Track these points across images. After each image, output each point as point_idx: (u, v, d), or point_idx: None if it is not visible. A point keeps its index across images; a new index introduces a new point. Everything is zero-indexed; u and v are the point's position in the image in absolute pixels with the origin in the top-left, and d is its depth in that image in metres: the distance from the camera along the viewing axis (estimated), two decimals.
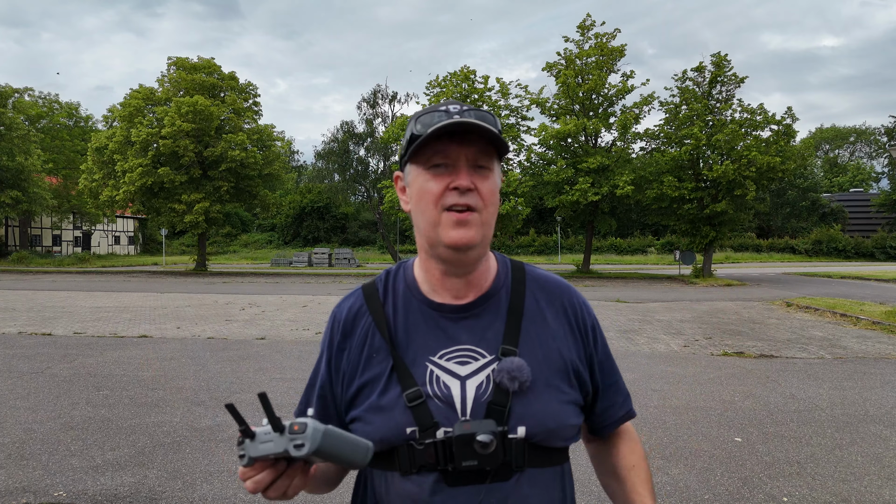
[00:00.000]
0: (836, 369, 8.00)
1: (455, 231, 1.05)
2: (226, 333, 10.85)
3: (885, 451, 4.84)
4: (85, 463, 4.52)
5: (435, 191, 1.05)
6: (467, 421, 1.02)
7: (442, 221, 1.05)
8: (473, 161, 1.06)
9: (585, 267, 31.56)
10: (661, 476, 4.34)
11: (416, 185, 1.09)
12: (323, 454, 0.89)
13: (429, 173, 1.06)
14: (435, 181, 1.06)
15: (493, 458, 1.01)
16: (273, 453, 0.89)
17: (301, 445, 0.87)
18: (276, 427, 0.88)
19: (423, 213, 1.07)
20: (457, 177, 1.05)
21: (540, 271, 1.22)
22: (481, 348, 1.09)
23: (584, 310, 1.20)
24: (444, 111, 1.06)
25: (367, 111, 46.52)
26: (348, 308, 1.17)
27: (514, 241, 52.72)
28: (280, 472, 0.93)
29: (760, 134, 26.82)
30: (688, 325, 12.24)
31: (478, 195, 1.05)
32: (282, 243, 60.53)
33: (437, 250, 1.09)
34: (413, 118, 1.10)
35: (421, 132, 1.06)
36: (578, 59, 28.59)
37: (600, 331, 1.23)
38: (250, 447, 0.90)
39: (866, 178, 71.19)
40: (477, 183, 1.05)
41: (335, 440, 0.90)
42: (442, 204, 1.05)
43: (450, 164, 1.05)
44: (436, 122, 1.05)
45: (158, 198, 31.61)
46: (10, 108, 40.00)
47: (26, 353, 8.82)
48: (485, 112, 1.08)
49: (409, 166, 1.11)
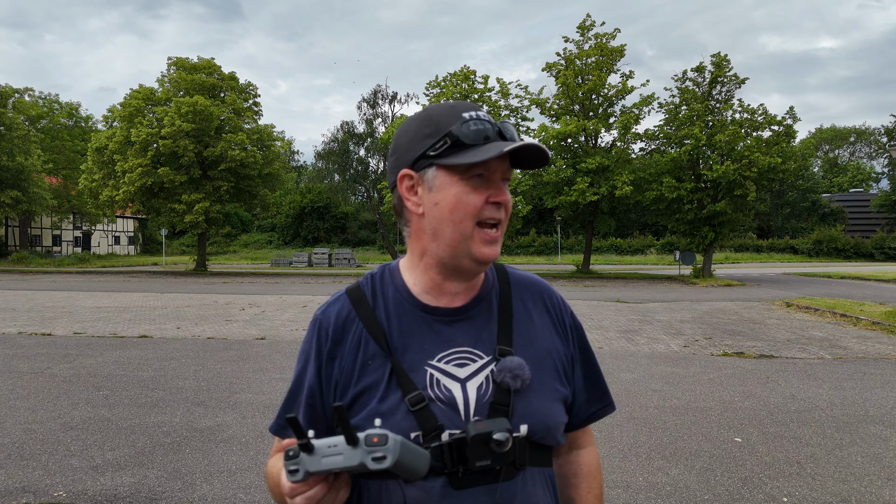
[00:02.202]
0: (836, 369, 8.00)
1: (487, 248, 1.06)
2: (226, 333, 10.85)
3: (885, 451, 4.84)
4: (85, 463, 4.52)
5: (476, 204, 1.04)
6: (481, 420, 1.01)
7: (475, 237, 1.05)
8: (505, 174, 1.07)
9: (585, 267, 31.56)
10: (661, 476, 4.34)
11: (448, 192, 1.04)
12: (399, 466, 0.85)
13: (467, 184, 1.04)
14: (475, 194, 1.04)
15: (506, 456, 1.01)
16: (343, 467, 0.85)
17: (382, 458, 0.84)
18: (350, 440, 0.85)
19: (457, 225, 1.05)
20: (497, 191, 1.05)
21: (519, 272, 1.23)
22: (478, 350, 1.09)
23: (562, 306, 1.22)
24: (485, 119, 1.05)
25: (367, 111, 46.60)
26: (336, 314, 1.13)
27: (514, 241, 52.70)
28: (330, 485, 0.91)
29: (761, 134, 26.83)
30: (688, 325, 12.24)
31: (504, 208, 1.07)
32: (282, 243, 60.52)
33: (460, 261, 1.07)
34: (447, 120, 1.05)
35: (468, 138, 1.03)
36: (578, 60, 28.58)
37: (579, 325, 1.24)
38: (309, 461, 0.86)
39: (866, 179, 71.22)
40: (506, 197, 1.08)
41: (408, 451, 0.87)
42: (479, 217, 1.05)
43: (486, 176, 1.05)
44: (481, 128, 1.04)
45: (158, 198, 31.61)
46: (10, 108, 40.01)
47: (26, 353, 8.82)
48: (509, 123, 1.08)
49: (436, 170, 1.05)
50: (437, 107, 1.09)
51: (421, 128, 1.07)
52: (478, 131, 1.03)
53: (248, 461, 4.59)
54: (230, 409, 6.00)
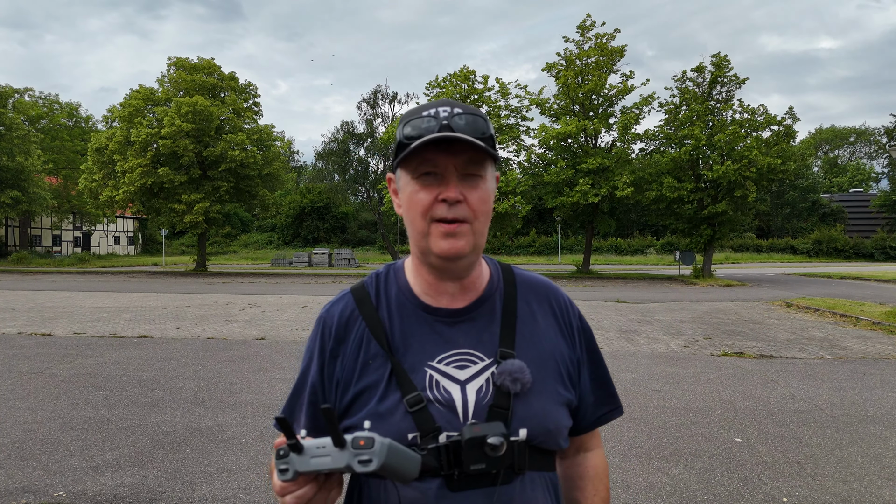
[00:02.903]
0: (836, 370, 8.01)
1: (444, 242, 1.03)
2: (226, 334, 10.85)
3: (885, 452, 4.84)
4: (85, 463, 4.52)
5: (424, 202, 1.02)
6: (476, 424, 1.01)
7: (431, 232, 1.03)
8: (462, 170, 1.02)
9: (585, 267, 31.57)
10: (661, 476, 4.34)
11: (405, 192, 1.05)
12: (386, 469, 0.86)
13: (417, 183, 1.03)
14: (424, 192, 1.02)
15: (502, 460, 1.00)
16: (330, 468, 0.86)
17: (368, 461, 0.84)
18: (337, 442, 0.86)
19: (413, 223, 1.05)
20: (445, 188, 1.01)
21: (526, 273, 1.22)
22: (479, 352, 1.08)
23: (570, 308, 1.21)
24: (431, 115, 1.02)
25: (367, 111, 46.63)
26: (339, 313, 1.14)
27: (514, 241, 52.71)
28: (320, 485, 0.92)
29: (761, 134, 26.83)
30: (688, 325, 12.24)
31: (467, 206, 1.02)
32: (282, 243, 60.53)
33: (429, 258, 1.07)
34: (402, 121, 1.06)
35: (409, 136, 1.01)
36: (578, 60, 28.58)
37: (588, 327, 1.23)
38: (298, 461, 0.87)
39: (866, 179, 71.23)
40: (466, 193, 1.02)
41: (396, 454, 0.88)
42: (431, 215, 1.02)
43: (438, 173, 1.02)
44: (423, 126, 1.01)
45: (158, 198, 31.61)
46: (10, 108, 40.01)
47: (26, 353, 8.82)
48: (475, 116, 1.03)
49: (399, 171, 1.07)
50: (412, 108, 1.09)
51: (397, 131, 1.08)
52: (414, 127, 1.02)
53: (248, 461, 4.59)
54: (230, 409, 6.00)
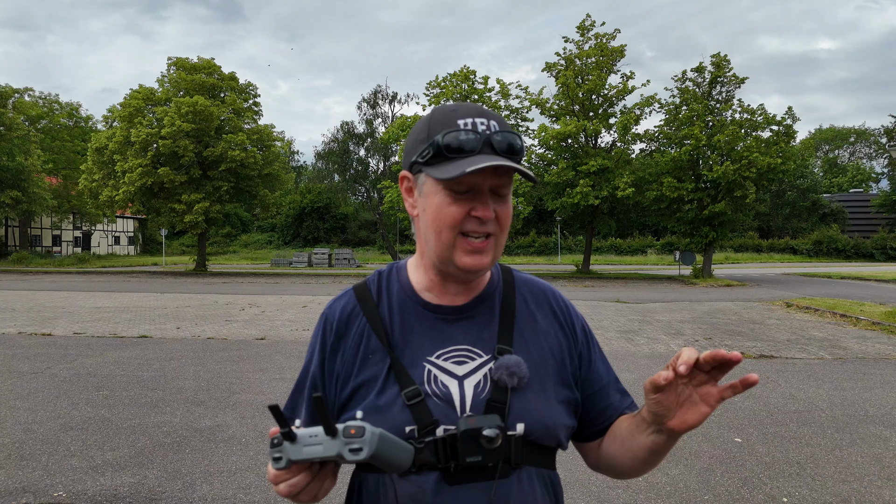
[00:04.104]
0: (836, 370, 8.01)
1: (469, 258, 1.03)
2: (226, 334, 10.85)
3: (885, 452, 4.84)
4: (85, 463, 4.52)
5: (455, 216, 1.02)
6: (472, 416, 1.02)
7: (458, 245, 1.03)
8: (496, 186, 1.03)
9: (585, 267, 31.58)
10: (661, 476, 4.34)
11: (432, 200, 1.04)
12: (377, 458, 0.87)
13: (448, 196, 1.02)
14: (456, 206, 1.02)
15: (498, 453, 1.01)
16: (322, 457, 0.87)
17: (358, 450, 0.85)
18: (328, 431, 0.86)
19: (439, 234, 1.04)
20: (480, 206, 1.02)
21: (525, 275, 1.23)
22: (478, 348, 1.10)
23: (570, 310, 1.22)
24: (470, 129, 1.01)
25: (367, 111, 46.63)
26: (341, 309, 1.16)
27: (514, 241, 52.70)
28: (314, 474, 0.93)
29: (761, 135, 26.84)
30: (688, 325, 12.24)
31: (496, 222, 1.04)
32: (282, 244, 60.52)
33: (448, 268, 1.07)
34: (433, 123, 1.05)
35: (450, 149, 1.00)
36: (578, 60, 28.58)
37: (590, 331, 1.23)
38: (291, 450, 0.88)
39: (866, 179, 71.24)
40: (497, 209, 1.03)
41: (387, 443, 0.89)
42: (460, 229, 1.03)
43: (472, 190, 1.02)
44: (462, 139, 1.00)
45: (158, 198, 31.60)
46: (11, 108, 40.01)
47: (26, 353, 8.81)
48: (513, 135, 1.03)
49: (424, 176, 1.05)
50: (440, 109, 1.07)
51: (420, 131, 1.07)
52: (460, 143, 1.00)
53: (247, 461, 4.59)
54: (230, 409, 6.00)
